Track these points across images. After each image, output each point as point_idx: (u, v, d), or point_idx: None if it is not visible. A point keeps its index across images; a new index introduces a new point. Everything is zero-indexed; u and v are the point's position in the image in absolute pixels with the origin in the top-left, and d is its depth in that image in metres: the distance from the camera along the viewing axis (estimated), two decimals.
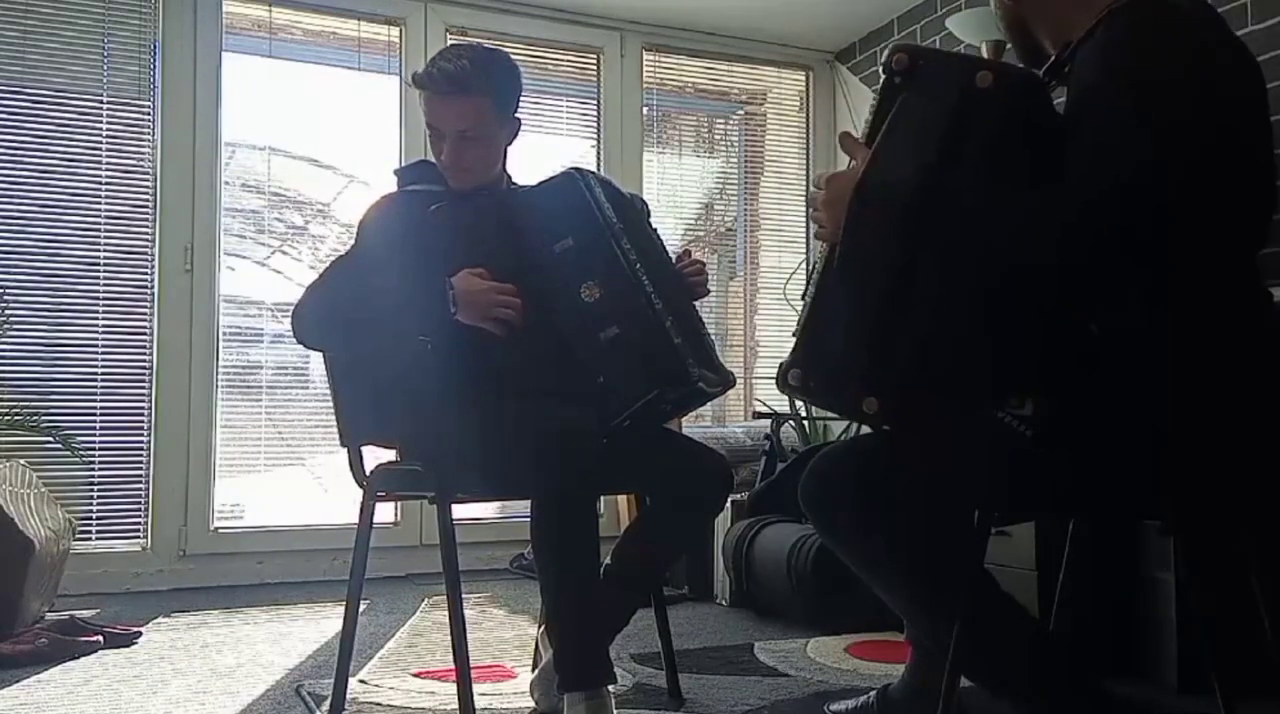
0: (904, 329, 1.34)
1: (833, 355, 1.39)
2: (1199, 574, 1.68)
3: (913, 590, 1.50)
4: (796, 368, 1.40)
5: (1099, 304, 1.32)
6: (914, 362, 1.35)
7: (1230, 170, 1.29)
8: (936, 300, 1.34)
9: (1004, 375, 1.36)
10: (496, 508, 4.04)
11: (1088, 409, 1.33)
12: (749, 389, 4.51)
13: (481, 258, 1.97)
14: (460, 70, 1.98)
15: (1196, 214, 1.26)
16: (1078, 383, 1.33)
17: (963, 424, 1.40)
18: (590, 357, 1.92)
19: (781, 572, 2.95)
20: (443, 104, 2.00)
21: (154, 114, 3.69)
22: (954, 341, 1.34)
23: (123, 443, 3.61)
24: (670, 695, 2.18)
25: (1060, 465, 1.36)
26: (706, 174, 4.66)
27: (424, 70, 2.01)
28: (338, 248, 4.03)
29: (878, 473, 1.45)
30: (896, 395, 1.35)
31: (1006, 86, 1.34)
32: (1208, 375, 1.30)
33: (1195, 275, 1.30)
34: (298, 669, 2.48)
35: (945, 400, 1.37)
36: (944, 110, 1.34)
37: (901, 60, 1.38)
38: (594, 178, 2.07)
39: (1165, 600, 2.25)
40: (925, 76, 1.38)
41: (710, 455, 2.09)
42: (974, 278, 1.33)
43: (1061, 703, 1.41)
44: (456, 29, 4.11)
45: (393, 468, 2.04)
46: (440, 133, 2.02)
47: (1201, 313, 1.31)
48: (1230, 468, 1.35)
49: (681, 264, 2.13)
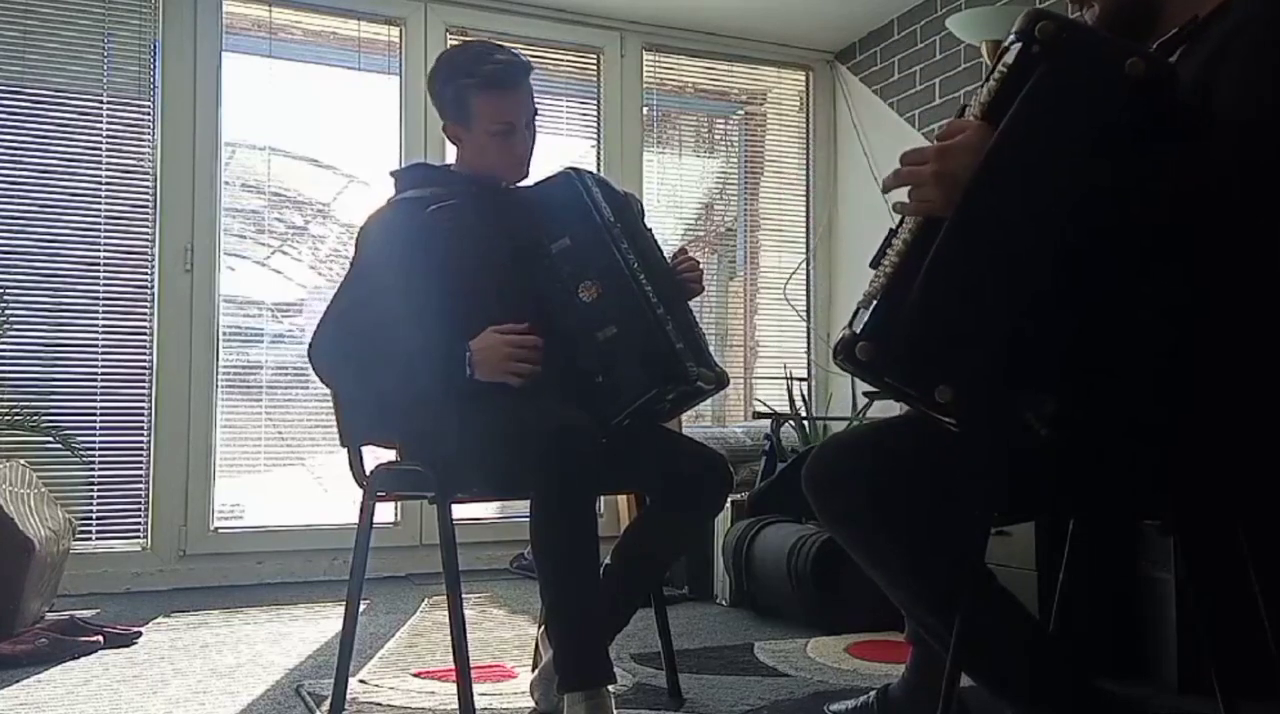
0: (999, 320, 1.25)
1: (914, 336, 1.27)
2: (1199, 574, 1.68)
3: (913, 584, 1.49)
4: (867, 342, 1.28)
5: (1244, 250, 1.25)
6: (998, 357, 1.26)
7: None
8: (1042, 295, 1.24)
9: (1036, 371, 1.31)
10: (496, 508, 4.04)
11: (1104, 407, 1.31)
12: (749, 389, 4.51)
13: (480, 257, 1.97)
14: (513, 59, 2.03)
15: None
16: (1100, 382, 1.31)
17: (985, 432, 1.37)
18: (589, 356, 1.93)
19: (781, 572, 2.95)
20: (515, 95, 2.02)
21: (154, 114, 3.69)
22: (1039, 338, 1.25)
23: (123, 443, 3.61)
24: (670, 695, 2.18)
25: (1061, 465, 1.36)
26: (706, 174, 4.66)
27: (488, 72, 1.99)
28: (337, 248, 4.03)
29: (883, 462, 1.45)
30: (970, 390, 1.25)
31: (1157, 77, 1.23)
32: (1232, 376, 1.29)
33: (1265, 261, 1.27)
34: (298, 669, 2.47)
35: (1013, 399, 1.30)
36: (1088, 93, 1.23)
37: (1047, 29, 1.24)
38: (591, 178, 2.07)
39: (1165, 600, 2.25)
40: (1070, 52, 1.25)
41: (710, 455, 2.09)
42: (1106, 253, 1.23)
43: (1061, 702, 1.40)
44: (456, 29, 4.11)
45: (393, 468, 2.04)
46: (513, 127, 2.03)
47: (1244, 302, 1.29)
48: (1235, 468, 1.35)
49: (676, 262, 2.13)
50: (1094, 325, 1.28)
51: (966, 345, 1.26)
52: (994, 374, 1.26)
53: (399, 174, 2.14)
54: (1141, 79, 1.22)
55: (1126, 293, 1.26)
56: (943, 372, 1.26)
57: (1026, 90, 1.24)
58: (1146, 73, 1.22)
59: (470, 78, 2.00)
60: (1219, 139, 1.21)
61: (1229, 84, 1.25)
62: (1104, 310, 1.27)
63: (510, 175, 2.09)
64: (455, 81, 2.02)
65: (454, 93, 2.02)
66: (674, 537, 2.14)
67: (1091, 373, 1.30)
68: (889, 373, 1.31)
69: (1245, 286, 1.29)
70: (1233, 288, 1.29)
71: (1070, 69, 1.24)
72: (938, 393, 1.25)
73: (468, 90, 2.00)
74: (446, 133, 2.09)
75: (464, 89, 2.01)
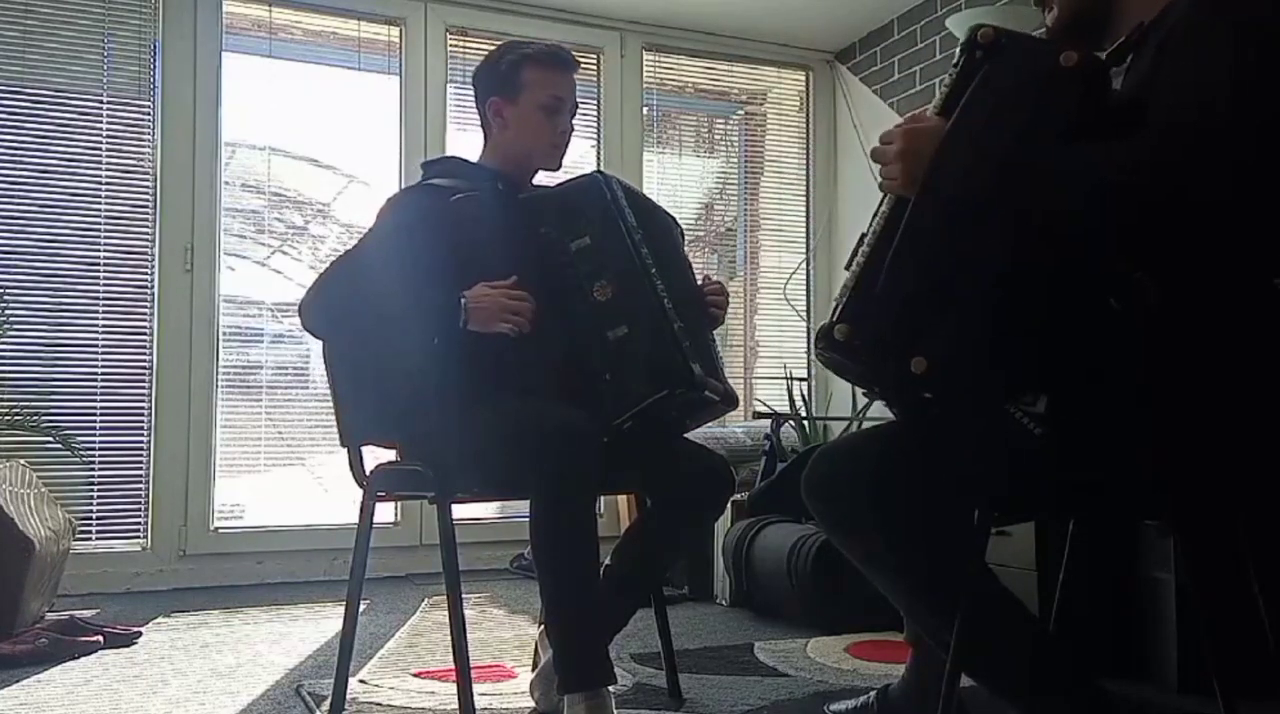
0: (962, 295, 1.33)
1: (884, 314, 1.36)
2: (1199, 574, 1.68)
3: (914, 587, 1.49)
4: (844, 323, 1.36)
5: (1161, 257, 1.29)
6: (969, 326, 1.33)
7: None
8: (998, 270, 1.33)
9: (1022, 370, 1.34)
10: (496, 508, 4.04)
11: (1097, 406, 1.32)
12: (749, 389, 4.51)
13: (499, 250, 1.98)
14: (564, 48, 2.12)
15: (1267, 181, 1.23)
16: (1091, 380, 1.32)
17: (972, 421, 1.39)
18: (597, 354, 1.93)
19: (781, 572, 2.95)
20: (569, 76, 2.11)
21: (154, 114, 3.69)
22: (1001, 319, 1.33)
23: (123, 443, 3.61)
24: (670, 695, 2.18)
25: (1061, 465, 1.36)
26: (706, 174, 4.66)
27: (541, 49, 2.09)
28: (338, 248, 4.03)
29: (883, 466, 1.45)
30: (944, 361, 1.32)
31: (1088, 67, 1.34)
32: (1221, 373, 1.30)
33: (1229, 259, 1.29)
34: (298, 669, 2.48)
35: (984, 380, 1.36)
36: (1027, 86, 1.36)
37: (988, 34, 1.40)
38: (618, 183, 2.09)
39: (1165, 600, 2.25)
40: (1009, 52, 1.39)
41: (710, 456, 2.09)
42: (1044, 237, 1.31)
43: (1061, 702, 1.40)
44: (456, 29, 4.11)
45: (393, 468, 2.04)
46: (562, 103, 2.09)
47: (1224, 302, 1.30)
48: (1233, 467, 1.35)
49: (705, 286, 2.15)
50: (1069, 321, 1.32)
51: (937, 316, 1.33)
52: (967, 343, 1.33)
53: (427, 164, 2.19)
54: (1075, 67, 1.33)
55: (1088, 281, 1.32)
56: (916, 343, 1.32)
57: (976, 82, 1.38)
58: (1080, 62, 1.34)
59: (526, 51, 2.07)
60: (1141, 138, 1.27)
61: (1160, 87, 1.30)
62: (1071, 298, 1.32)
63: (546, 159, 2.12)
64: (510, 55, 2.08)
65: (507, 65, 2.08)
66: (674, 538, 2.14)
67: (1076, 370, 1.32)
68: (866, 351, 1.38)
69: (1215, 284, 1.30)
70: (1202, 286, 1.30)
71: (1010, 66, 1.38)
72: (913, 364, 1.31)
73: (523, 61, 2.06)
74: (487, 112, 2.12)
75: (519, 60, 2.07)
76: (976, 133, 1.35)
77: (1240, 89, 1.21)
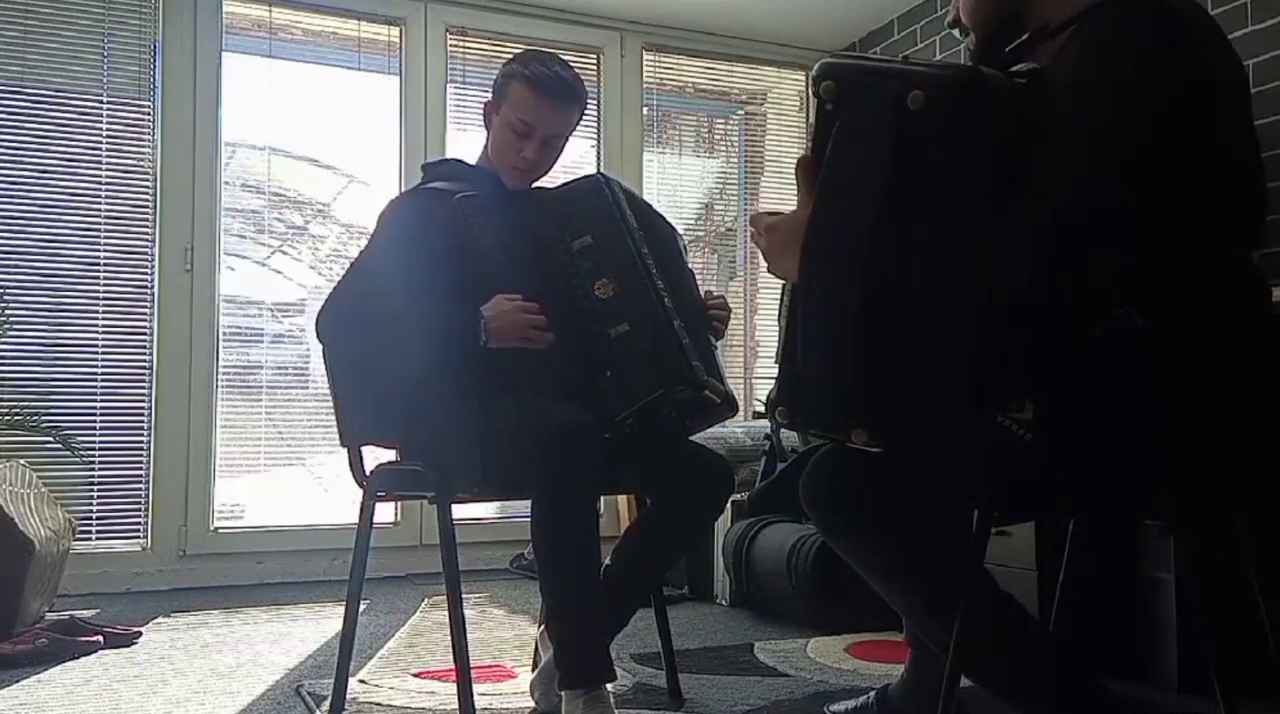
0: (879, 361, 1.31)
1: (814, 390, 1.37)
2: (1199, 574, 1.68)
3: (913, 590, 1.50)
4: (782, 406, 1.39)
5: (1094, 315, 1.31)
6: (894, 390, 1.33)
7: (1202, 170, 1.28)
8: (908, 332, 1.31)
9: (1002, 380, 1.35)
10: (496, 508, 4.04)
11: (1086, 412, 1.32)
12: (749, 389, 4.52)
13: (501, 250, 1.98)
14: (575, 81, 2.08)
15: (1168, 216, 1.25)
16: (1077, 386, 1.32)
17: (961, 430, 1.40)
18: (598, 352, 1.93)
19: (781, 572, 2.95)
20: (553, 109, 2.04)
21: (154, 114, 3.69)
22: (933, 364, 1.32)
23: (123, 443, 3.61)
24: (670, 695, 2.18)
25: (1059, 466, 1.36)
26: (706, 174, 4.66)
27: (539, 72, 2.04)
28: (338, 248, 4.03)
29: (879, 472, 1.45)
30: (884, 424, 1.32)
31: (939, 103, 1.28)
32: (1208, 373, 1.30)
33: (1188, 276, 1.30)
34: (298, 669, 2.48)
35: (934, 418, 1.36)
36: (882, 138, 1.29)
37: (830, 89, 1.33)
38: (619, 185, 2.11)
39: (1165, 600, 2.25)
40: (856, 102, 1.33)
41: (710, 456, 2.09)
42: (941, 311, 1.30)
43: (1062, 703, 1.41)
44: (456, 29, 4.11)
45: (393, 468, 2.04)
46: (530, 131, 2.04)
47: (1200, 312, 1.31)
48: (1232, 467, 1.35)
49: (709, 300, 2.16)
50: (1047, 332, 1.31)
51: (858, 381, 1.32)
52: (895, 394, 1.32)
53: (428, 167, 2.20)
54: (923, 110, 1.27)
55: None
56: (851, 418, 1.33)
57: (829, 149, 1.33)
58: (927, 102, 1.27)
59: (525, 68, 2.05)
60: (1020, 229, 1.25)
61: (1058, 99, 1.29)
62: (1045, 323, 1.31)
63: (506, 175, 2.09)
64: (514, 65, 2.09)
65: (506, 74, 2.09)
66: (674, 538, 2.14)
67: (1060, 377, 1.32)
68: (812, 423, 1.42)
69: (1200, 289, 1.31)
70: (1187, 295, 1.30)
71: (860, 117, 1.32)
72: (854, 436, 1.32)
73: (517, 76, 2.06)
74: (485, 109, 2.13)
75: (514, 74, 2.06)
76: (845, 208, 1.31)
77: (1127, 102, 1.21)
